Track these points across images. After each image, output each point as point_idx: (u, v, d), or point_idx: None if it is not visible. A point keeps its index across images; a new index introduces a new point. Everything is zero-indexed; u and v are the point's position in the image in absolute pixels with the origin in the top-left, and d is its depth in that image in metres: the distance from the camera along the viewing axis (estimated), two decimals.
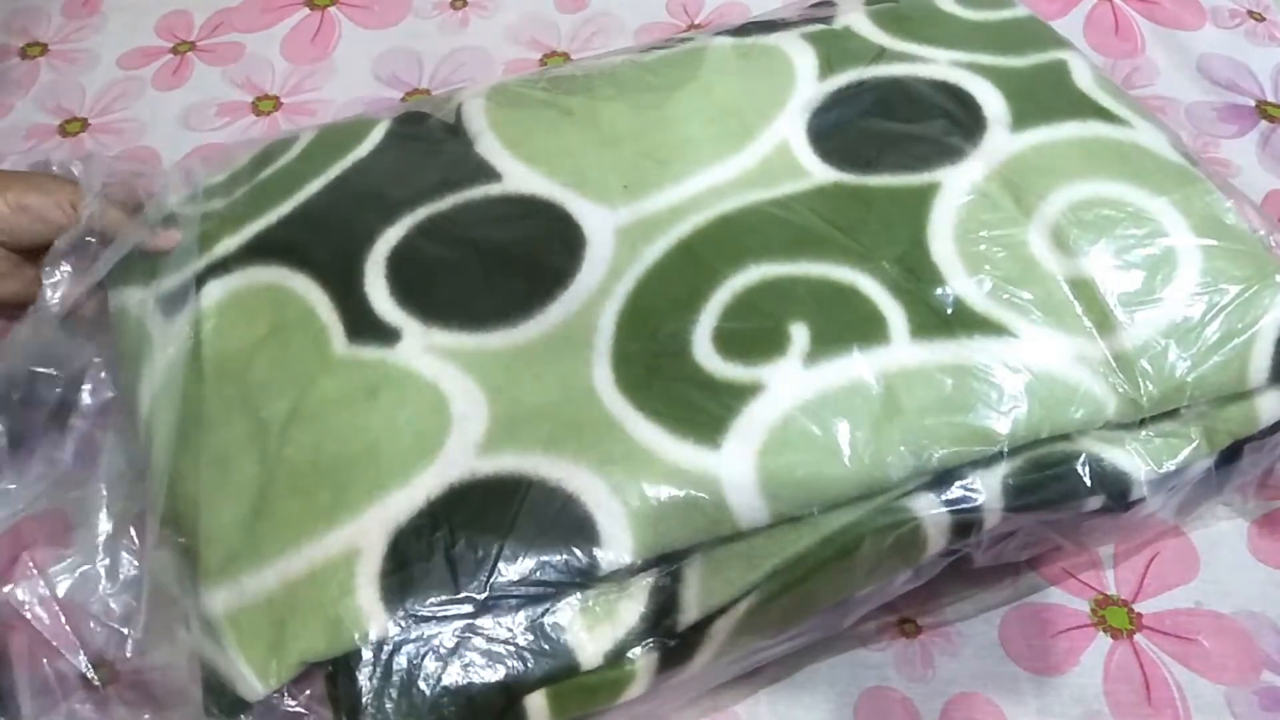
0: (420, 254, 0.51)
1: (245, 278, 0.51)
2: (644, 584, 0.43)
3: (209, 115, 0.74)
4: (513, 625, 0.42)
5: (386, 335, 0.48)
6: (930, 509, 0.44)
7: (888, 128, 0.54)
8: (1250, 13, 0.77)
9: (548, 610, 0.42)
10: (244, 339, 0.49)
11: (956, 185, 0.51)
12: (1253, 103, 0.71)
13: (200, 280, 0.51)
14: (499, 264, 0.50)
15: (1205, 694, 0.49)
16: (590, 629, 0.42)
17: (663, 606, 0.43)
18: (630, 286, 0.49)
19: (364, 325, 0.48)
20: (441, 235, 0.51)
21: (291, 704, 0.42)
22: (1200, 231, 0.49)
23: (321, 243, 0.52)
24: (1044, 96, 0.56)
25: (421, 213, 0.52)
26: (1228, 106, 0.71)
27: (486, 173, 0.54)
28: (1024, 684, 0.49)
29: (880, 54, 0.58)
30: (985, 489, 0.44)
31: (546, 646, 0.42)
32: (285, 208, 0.54)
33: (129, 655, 0.44)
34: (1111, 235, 0.49)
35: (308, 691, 0.43)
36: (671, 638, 0.43)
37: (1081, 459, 0.45)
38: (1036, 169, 0.52)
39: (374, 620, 0.41)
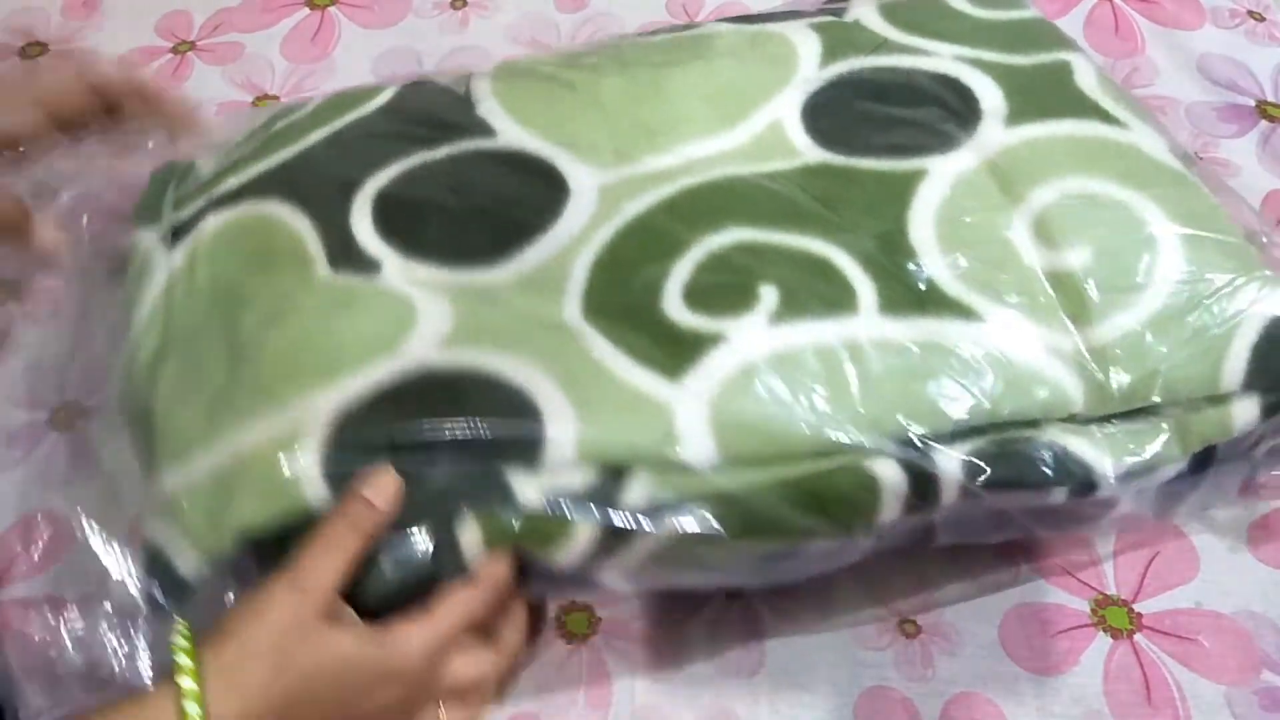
0: (407, 194, 0.52)
1: (241, 210, 0.53)
2: (590, 468, 0.44)
3: (209, 115, 0.74)
4: (452, 470, 0.43)
5: (367, 265, 0.49)
6: (886, 470, 0.44)
7: (882, 114, 0.55)
8: (1250, 13, 0.77)
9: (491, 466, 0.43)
10: (232, 262, 0.51)
11: (944, 172, 0.52)
12: (1253, 103, 0.71)
13: (203, 214, 0.53)
14: (482, 209, 0.52)
15: (1205, 694, 0.49)
16: (532, 477, 0.43)
17: (606, 484, 0.43)
18: (608, 236, 0.50)
19: (346, 254, 0.50)
20: (430, 179, 0.53)
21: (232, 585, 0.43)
22: (1186, 234, 0.49)
23: (316, 180, 0.54)
24: (1043, 94, 0.56)
25: (415, 159, 0.54)
26: (1228, 106, 0.71)
27: (483, 129, 0.56)
28: (1024, 684, 0.49)
29: (883, 44, 0.59)
30: (944, 460, 0.44)
31: (485, 481, 0.43)
32: (288, 153, 0.56)
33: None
34: (1095, 229, 0.49)
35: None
36: (614, 507, 0.43)
37: (1045, 445, 0.45)
38: (1027, 162, 0.52)
39: (311, 489, 0.42)
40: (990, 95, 0.55)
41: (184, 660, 0.38)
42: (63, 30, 0.80)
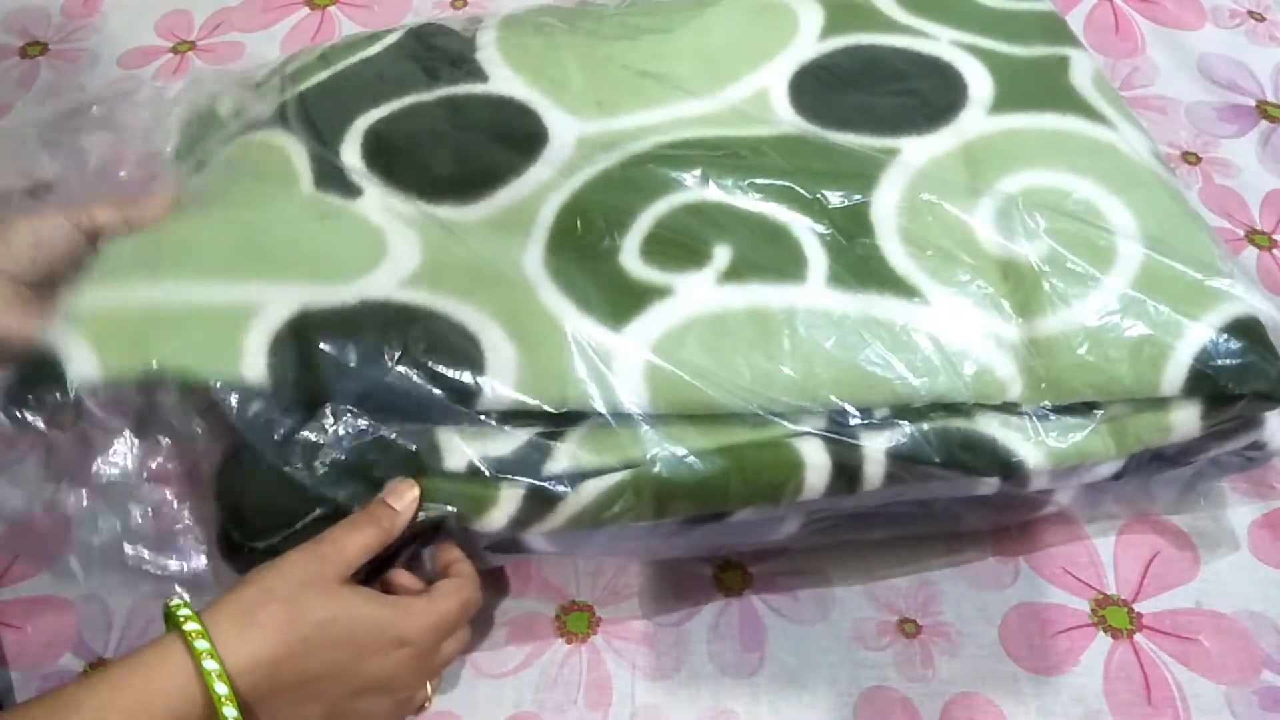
0: (395, 130, 0.55)
1: (247, 137, 0.56)
2: (524, 429, 0.45)
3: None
4: (387, 420, 0.45)
5: (349, 189, 0.52)
6: (811, 450, 0.45)
7: (869, 90, 0.56)
8: (1250, 13, 0.77)
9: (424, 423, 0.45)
10: (229, 179, 0.54)
11: (917, 153, 0.52)
12: (1253, 103, 0.71)
13: (219, 148, 0.56)
14: (463, 149, 0.54)
15: (1205, 694, 0.49)
16: (463, 439, 0.45)
17: (535, 450, 0.45)
18: (578, 185, 0.52)
19: (331, 177, 0.53)
20: (419, 119, 0.56)
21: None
22: (1148, 236, 0.48)
23: (313, 114, 0.57)
24: (1033, 86, 0.56)
25: (408, 99, 0.56)
26: (1228, 106, 0.71)
27: (477, 75, 0.58)
28: (1024, 684, 0.49)
29: (885, 24, 0.59)
30: (869, 445, 0.45)
31: (414, 437, 0.45)
32: (294, 91, 0.59)
33: None
34: (1056, 224, 0.49)
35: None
36: (538, 479, 0.44)
37: (974, 433, 0.46)
38: (1001, 151, 0.52)
39: (250, 367, 0.44)
40: (980, 83, 0.55)
41: (184, 609, 0.40)
42: (63, 30, 0.80)
